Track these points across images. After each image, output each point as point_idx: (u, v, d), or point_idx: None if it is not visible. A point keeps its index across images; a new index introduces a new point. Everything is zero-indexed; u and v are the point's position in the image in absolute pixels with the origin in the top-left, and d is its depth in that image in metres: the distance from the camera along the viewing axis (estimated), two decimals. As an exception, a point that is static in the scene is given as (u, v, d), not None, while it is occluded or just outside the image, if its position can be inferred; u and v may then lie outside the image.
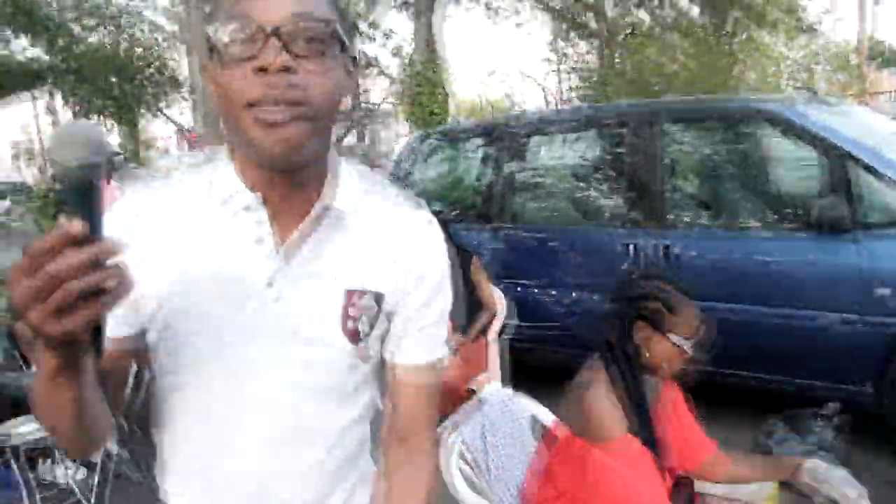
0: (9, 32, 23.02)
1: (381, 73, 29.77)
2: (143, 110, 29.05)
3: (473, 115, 26.64)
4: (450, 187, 5.96)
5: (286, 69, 0.95)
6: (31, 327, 0.74)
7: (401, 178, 6.09)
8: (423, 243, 1.16)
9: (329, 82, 0.99)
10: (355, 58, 1.08)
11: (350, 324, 1.09)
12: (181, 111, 40.11)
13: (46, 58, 24.95)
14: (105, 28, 25.25)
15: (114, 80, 26.35)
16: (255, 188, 1.05)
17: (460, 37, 54.26)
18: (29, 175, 32.62)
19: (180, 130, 30.64)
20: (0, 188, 20.81)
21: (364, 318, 1.10)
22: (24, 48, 23.22)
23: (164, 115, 32.82)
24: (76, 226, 0.73)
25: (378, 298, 1.11)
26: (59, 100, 32.08)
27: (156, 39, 27.61)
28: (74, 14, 23.13)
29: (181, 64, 33.74)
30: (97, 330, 0.79)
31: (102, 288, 0.75)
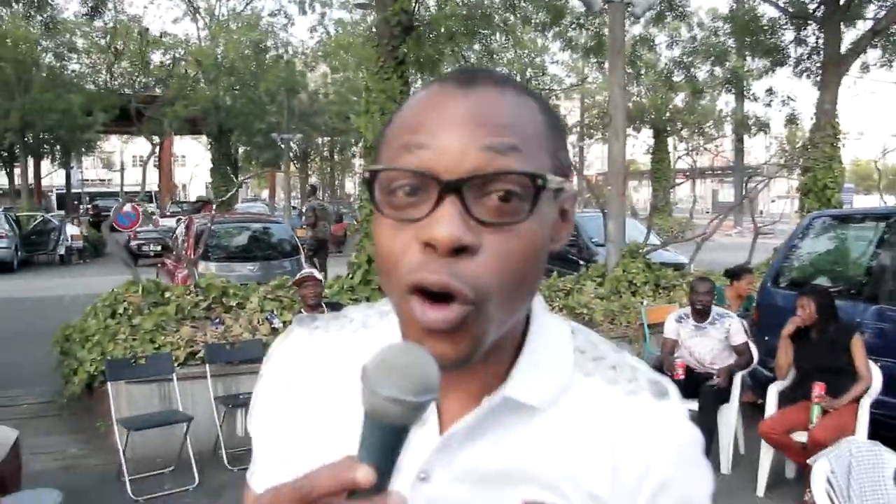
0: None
1: (765, 133, 29.28)
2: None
3: (864, 182, 25.07)
4: (837, 264, 6.38)
5: (462, 249, 0.66)
6: None
7: (787, 251, 6.64)
8: (663, 448, 0.78)
9: (530, 252, 0.70)
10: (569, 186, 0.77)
11: None
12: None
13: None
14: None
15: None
16: None
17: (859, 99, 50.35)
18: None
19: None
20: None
21: None
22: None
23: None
24: (368, 476, 0.57)
25: None
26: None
27: (552, 89, 30.10)
28: (481, 59, 26.06)
29: (570, 112, 36.35)
30: None
31: None
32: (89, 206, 36.73)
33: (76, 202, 38.46)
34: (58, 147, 33.74)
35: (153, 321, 5.97)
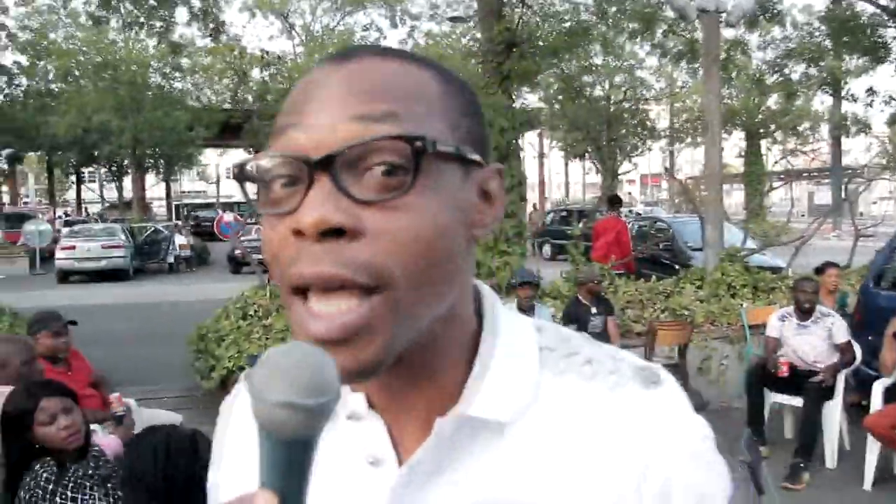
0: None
1: (866, 134, 28.42)
2: (617, 156, 31.80)
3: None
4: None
5: (336, 232, 0.58)
6: None
7: (890, 253, 6.71)
8: (660, 443, 0.66)
9: (426, 231, 0.60)
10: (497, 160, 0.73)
11: None
12: (648, 158, 42.46)
13: (544, 106, 28.75)
14: (601, 84, 28.21)
15: (600, 128, 29.39)
16: (357, 386, 0.69)
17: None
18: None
19: (666, 174, 32.87)
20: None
21: None
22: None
23: (632, 162, 35.53)
24: (267, 501, 0.51)
25: None
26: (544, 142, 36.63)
27: (642, 94, 30.05)
28: (577, 70, 26.27)
29: (660, 116, 36.07)
30: None
31: None
32: (190, 216, 38.46)
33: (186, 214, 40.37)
34: (161, 161, 35.61)
35: (284, 322, 6.52)
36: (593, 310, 6.56)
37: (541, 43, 8.89)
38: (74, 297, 15.06)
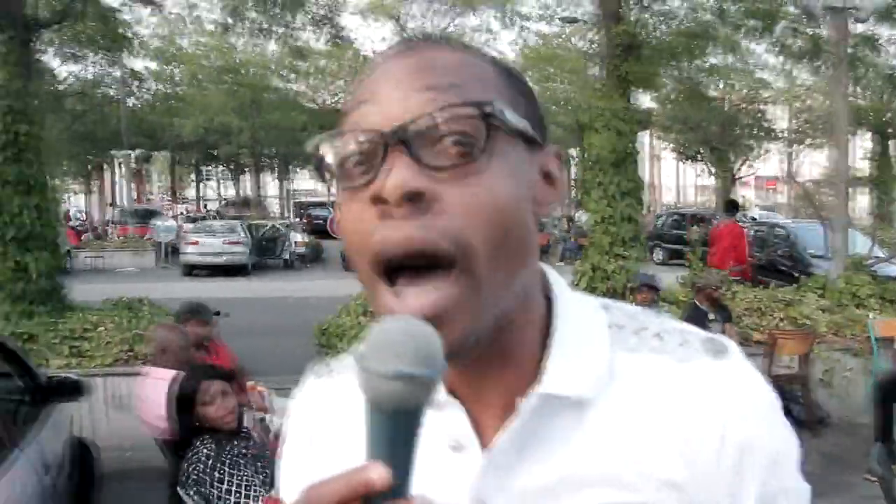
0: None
1: None
2: (733, 157, 30.85)
3: None
4: None
5: (417, 197, 0.60)
6: None
7: None
8: (734, 409, 0.68)
9: (500, 201, 0.62)
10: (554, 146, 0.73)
11: None
12: (765, 161, 40.98)
13: (656, 106, 28.19)
14: (716, 84, 27.45)
15: (715, 129, 28.61)
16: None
17: None
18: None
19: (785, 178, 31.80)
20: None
21: None
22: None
23: (749, 164, 34.40)
24: (382, 473, 0.50)
25: None
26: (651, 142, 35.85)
27: (760, 94, 29.07)
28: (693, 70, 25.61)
29: (777, 117, 34.78)
30: None
31: None
32: (304, 214, 39.67)
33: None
34: (276, 160, 36.96)
35: (404, 318, 6.75)
36: (711, 316, 6.49)
37: (659, 45, 8.80)
38: (198, 290, 15.84)
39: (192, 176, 52.45)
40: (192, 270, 20.45)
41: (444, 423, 0.69)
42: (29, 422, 3.57)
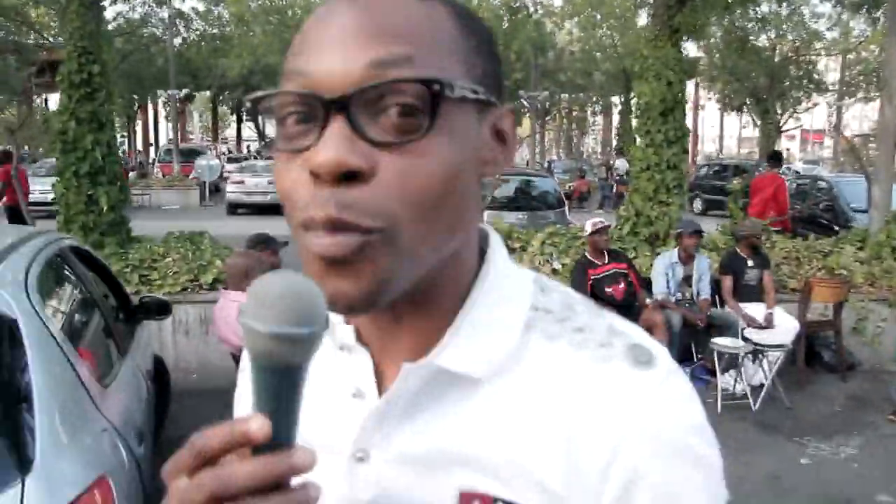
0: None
1: None
2: (779, 109, 30.38)
3: None
4: None
5: (353, 176, 0.58)
6: None
7: None
8: (636, 429, 0.62)
9: (440, 172, 0.60)
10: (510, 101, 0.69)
11: None
12: (812, 114, 40.18)
13: (703, 55, 27.75)
14: (766, 32, 26.95)
15: (762, 80, 28.15)
16: (350, 318, 0.71)
17: None
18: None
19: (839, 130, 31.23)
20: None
21: None
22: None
23: (795, 116, 33.82)
24: (259, 425, 0.52)
25: None
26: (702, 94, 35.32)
27: (811, 44, 28.46)
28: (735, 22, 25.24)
29: (828, 69, 34.02)
30: None
31: None
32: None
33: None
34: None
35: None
36: (750, 262, 6.73)
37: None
38: (243, 227, 16.24)
39: (233, 116, 52.90)
40: (236, 209, 20.83)
41: (349, 369, 0.70)
42: (128, 336, 3.99)
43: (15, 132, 12.34)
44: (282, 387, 0.54)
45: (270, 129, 0.63)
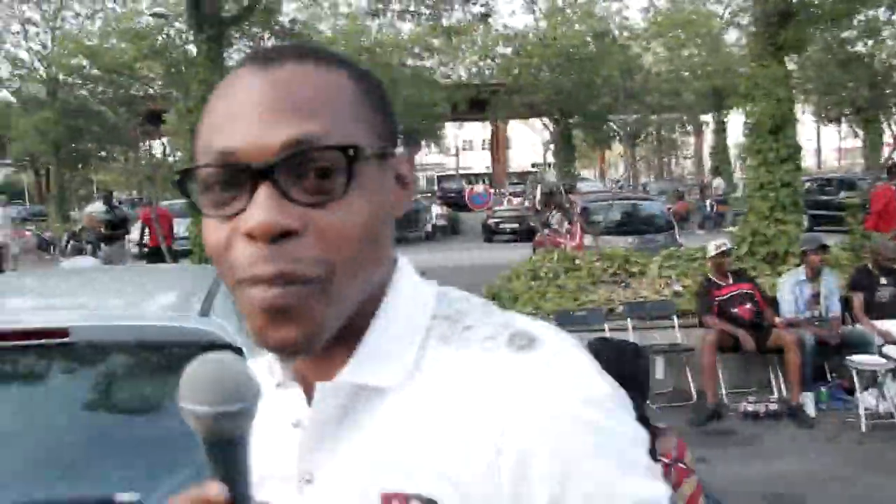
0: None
1: None
2: (883, 118, 29.33)
3: None
4: None
5: (286, 234, 0.65)
6: None
7: None
8: (520, 409, 0.66)
9: (360, 224, 0.68)
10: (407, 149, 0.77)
11: None
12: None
13: (795, 67, 27.09)
14: (864, 41, 26.17)
15: (863, 89, 27.26)
16: (284, 358, 0.77)
17: None
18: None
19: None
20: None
21: None
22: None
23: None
24: (218, 491, 0.60)
25: None
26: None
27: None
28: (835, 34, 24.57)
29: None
30: None
31: None
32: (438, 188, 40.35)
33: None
34: (410, 135, 37.92)
35: (575, 282, 7.22)
36: (882, 280, 6.61)
37: (820, 5, 8.72)
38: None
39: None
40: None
41: (286, 402, 0.77)
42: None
43: (152, 177, 13.15)
44: (232, 455, 0.61)
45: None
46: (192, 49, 8.43)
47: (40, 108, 29.20)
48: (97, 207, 16.90)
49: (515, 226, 20.84)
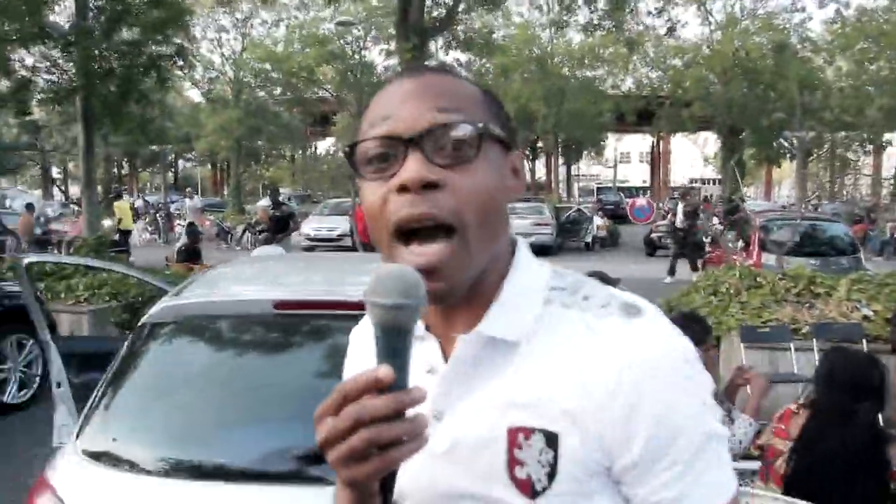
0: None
1: None
2: None
3: None
4: None
5: (431, 185, 0.84)
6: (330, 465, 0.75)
7: None
8: (631, 364, 0.84)
9: (484, 187, 0.87)
10: (521, 151, 0.98)
11: (519, 471, 0.87)
12: None
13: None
14: None
15: None
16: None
17: None
18: None
19: None
20: None
21: (536, 464, 0.86)
22: None
23: None
24: (385, 372, 0.72)
25: (550, 440, 0.86)
26: None
27: None
28: None
29: None
30: (390, 476, 0.76)
31: (398, 439, 0.73)
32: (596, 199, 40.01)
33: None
34: (573, 146, 37.98)
35: (759, 299, 7.27)
36: None
37: None
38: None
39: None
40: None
41: (422, 352, 0.92)
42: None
43: (323, 174, 14.01)
44: (398, 344, 0.75)
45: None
46: (367, 55, 9.00)
47: (226, 108, 31.56)
48: (267, 203, 17.98)
49: (671, 240, 20.23)
